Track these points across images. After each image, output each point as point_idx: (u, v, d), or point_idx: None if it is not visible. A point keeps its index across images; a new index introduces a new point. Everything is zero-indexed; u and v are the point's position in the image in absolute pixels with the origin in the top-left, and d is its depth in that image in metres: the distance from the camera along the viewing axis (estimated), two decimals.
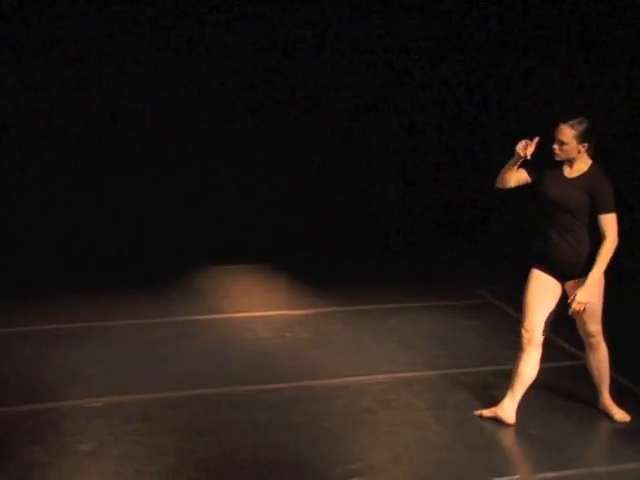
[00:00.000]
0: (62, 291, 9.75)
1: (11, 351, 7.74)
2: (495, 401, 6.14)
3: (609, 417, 6.14)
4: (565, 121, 5.78)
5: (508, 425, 5.91)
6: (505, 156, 6.02)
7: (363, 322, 8.56)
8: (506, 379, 6.20)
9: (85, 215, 11.36)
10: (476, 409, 6.16)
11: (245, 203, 11.91)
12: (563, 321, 5.91)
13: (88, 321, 8.66)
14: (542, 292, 5.96)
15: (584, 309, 5.72)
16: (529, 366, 5.97)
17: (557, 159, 5.87)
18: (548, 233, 5.91)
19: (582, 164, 5.83)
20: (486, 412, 6.08)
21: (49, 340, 7.98)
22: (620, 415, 6.16)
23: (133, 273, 10.57)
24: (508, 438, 5.87)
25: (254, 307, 9.25)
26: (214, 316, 8.90)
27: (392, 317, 8.67)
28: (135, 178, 11.51)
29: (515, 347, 6.06)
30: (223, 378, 6.96)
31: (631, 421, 6.04)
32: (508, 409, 5.99)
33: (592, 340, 6.04)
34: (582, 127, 5.74)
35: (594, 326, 5.98)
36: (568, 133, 5.74)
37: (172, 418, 6.10)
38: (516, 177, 5.98)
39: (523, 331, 5.94)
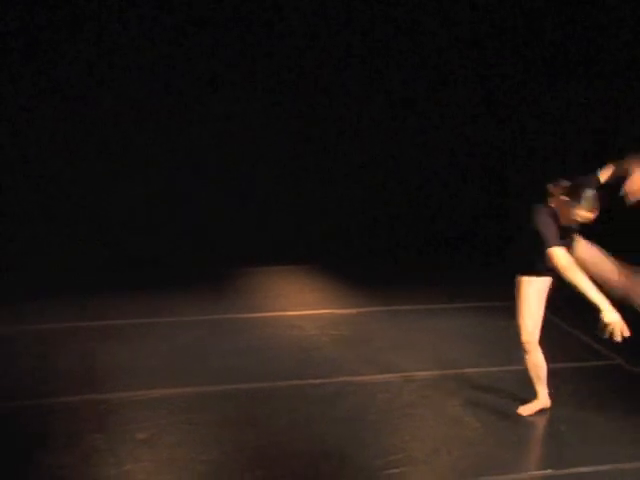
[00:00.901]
0: (112, 290, 9.85)
1: (67, 346, 7.83)
2: (528, 397, 6.13)
3: None
4: None
5: (542, 420, 5.91)
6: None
7: (403, 321, 8.57)
8: None
9: (136, 215, 11.42)
10: (510, 405, 6.15)
11: (293, 206, 11.94)
12: (593, 323, 5.88)
13: (142, 318, 8.73)
14: (539, 302, 5.95)
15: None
16: (540, 359, 5.96)
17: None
18: None
19: None
20: (526, 410, 6.07)
21: (106, 335, 8.06)
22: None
23: (186, 272, 10.64)
24: (541, 434, 5.87)
25: (301, 306, 9.28)
26: (263, 314, 8.94)
27: (430, 317, 8.67)
28: (185, 179, 11.57)
29: (549, 347, 6.05)
30: (271, 372, 6.99)
31: None
32: (544, 397, 6.00)
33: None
34: None
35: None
36: None
37: (222, 410, 6.14)
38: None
39: (525, 343, 5.95)
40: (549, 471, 5.27)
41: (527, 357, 6.00)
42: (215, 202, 11.67)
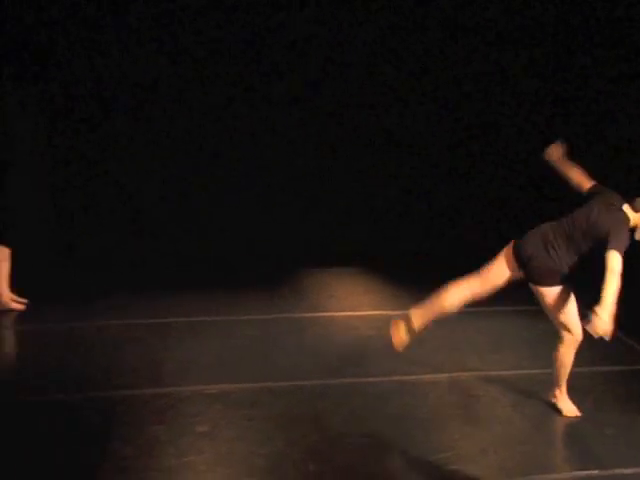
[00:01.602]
0: (181, 288, 9.94)
1: (136, 341, 7.92)
2: (576, 400, 6.09)
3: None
4: None
5: (588, 422, 5.87)
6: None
7: (454, 323, 8.49)
8: (585, 380, 6.16)
9: (202, 219, 11.55)
10: (555, 407, 6.10)
11: (349, 210, 11.98)
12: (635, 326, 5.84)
13: (204, 316, 8.81)
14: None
15: None
16: None
17: None
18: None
19: None
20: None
21: (169, 332, 8.14)
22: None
23: (246, 273, 10.71)
24: (587, 435, 5.80)
25: (357, 307, 9.29)
26: (320, 314, 8.97)
27: (481, 319, 8.62)
28: (246, 185, 11.68)
29: (595, 349, 6.00)
30: (327, 370, 7.01)
31: None
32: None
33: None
34: None
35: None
36: None
37: (280, 405, 6.17)
38: None
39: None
40: (595, 472, 5.23)
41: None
42: (276, 206, 11.76)
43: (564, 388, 6.08)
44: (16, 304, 9.38)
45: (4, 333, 8.68)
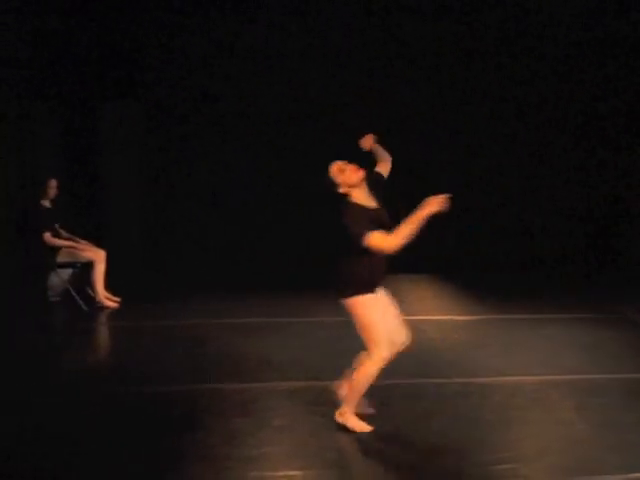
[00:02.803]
0: (259, 291, 10.04)
1: (220, 339, 8.03)
2: (636, 404, 5.99)
3: None
4: None
5: None
6: None
7: (517, 329, 8.47)
8: None
9: (279, 226, 11.65)
10: (617, 411, 6.00)
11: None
12: None
13: (281, 317, 8.88)
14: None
15: None
16: None
17: None
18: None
19: None
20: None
21: (250, 331, 8.23)
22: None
23: (320, 278, 10.74)
24: None
25: (424, 311, 9.29)
26: None
27: (542, 326, 8.55)
28: (322, 193, 11.73)
29: None
30: (395, 371, 6.96)
31: None
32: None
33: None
34: None
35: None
36: None
37: None
38: None
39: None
40: None
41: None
42: None
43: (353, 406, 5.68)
44: (110, 302, 9.58)
45: (99, 328, 8.89)
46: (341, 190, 5.57)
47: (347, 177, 5.56)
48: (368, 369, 5.57)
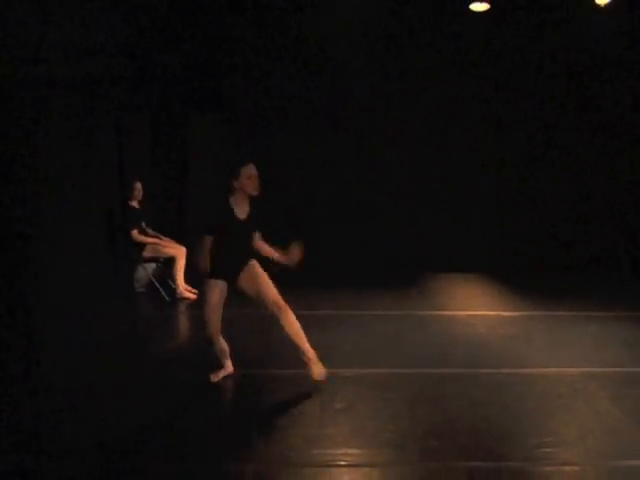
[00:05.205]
0: (326, 286, 10.09)
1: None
2: None
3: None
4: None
5: None
6: None
7: (561, 325, 8.41)
8: None
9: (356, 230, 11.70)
10: None
11: (471, 224, 11.93)
12: None
13: (344, 310, 8.93)
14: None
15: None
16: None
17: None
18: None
19: None
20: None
21: (316, 322, 8.28)
22: (316, 372, 6.04)
23: (380, 274, 10.79)
24: None
25: (473, 307, 9.27)
26: (442, 312, 8.97)
27: (585, 323, 8.47)
28: (385, 196, 11.77)
29: None
30: (447, 361, 7.01)
31: None
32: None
33: (276, 309, 6.05)
34: None
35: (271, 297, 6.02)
36: None
37: (407, 389, 6.19)
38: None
39: None
40: None
41: None
42: (409, 217, 11.83)
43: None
44: (189, 293, 9.73)
45: (179, 317, 9.03)
46: (234, 185, 5.88)
47: (246, 183, 5.84)
48: None
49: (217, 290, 6.10)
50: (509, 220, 12.01)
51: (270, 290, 6.09)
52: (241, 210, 6.00)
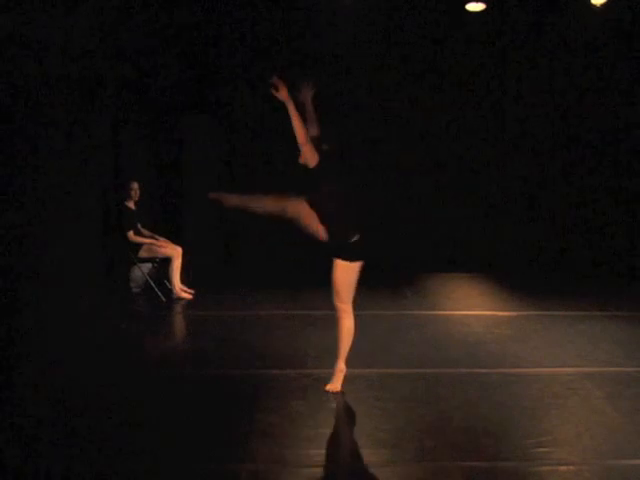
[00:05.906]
0: (327, 285, 10.05)
1: (284, 328, 8.07)
2: None
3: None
4: None
5: None
6: None
7: (556, 325, 8.38)
8: None
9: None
10: None
11: (467, 226, 11.91)
12: None
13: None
14: None
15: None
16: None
17: None
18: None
19: None
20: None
21: (311, 322, 8.25)
22: (333, 386, 6.01)
23: (376, 274, 10.74)
24: None
25: (470, 307, 9.24)
26: (438, 312, 8.94)
27: (580, 322, 8.44)
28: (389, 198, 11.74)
29: None
30: (443, 361, 6.98)
31: None
32: None
33: (337, 314, 6.02)
34: None
35: (337, 303, 6.05)
36: None
37: (402, 389, 6.16)
38: None
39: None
40: None
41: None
42: (404, 217, 11.81)
43: None
44: (185, 293, 9.69)
45: (175, 317, 9.00)
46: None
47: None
48: None
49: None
50: (506, 221, 11.98)
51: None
52: None
